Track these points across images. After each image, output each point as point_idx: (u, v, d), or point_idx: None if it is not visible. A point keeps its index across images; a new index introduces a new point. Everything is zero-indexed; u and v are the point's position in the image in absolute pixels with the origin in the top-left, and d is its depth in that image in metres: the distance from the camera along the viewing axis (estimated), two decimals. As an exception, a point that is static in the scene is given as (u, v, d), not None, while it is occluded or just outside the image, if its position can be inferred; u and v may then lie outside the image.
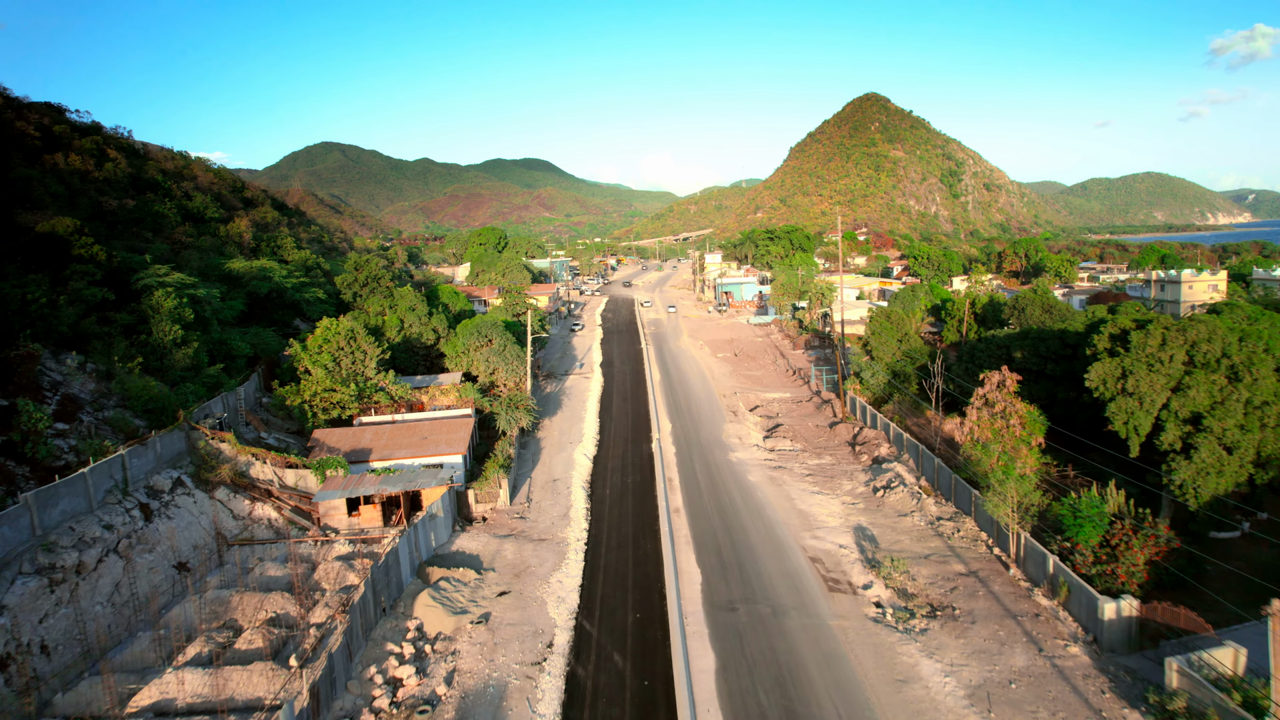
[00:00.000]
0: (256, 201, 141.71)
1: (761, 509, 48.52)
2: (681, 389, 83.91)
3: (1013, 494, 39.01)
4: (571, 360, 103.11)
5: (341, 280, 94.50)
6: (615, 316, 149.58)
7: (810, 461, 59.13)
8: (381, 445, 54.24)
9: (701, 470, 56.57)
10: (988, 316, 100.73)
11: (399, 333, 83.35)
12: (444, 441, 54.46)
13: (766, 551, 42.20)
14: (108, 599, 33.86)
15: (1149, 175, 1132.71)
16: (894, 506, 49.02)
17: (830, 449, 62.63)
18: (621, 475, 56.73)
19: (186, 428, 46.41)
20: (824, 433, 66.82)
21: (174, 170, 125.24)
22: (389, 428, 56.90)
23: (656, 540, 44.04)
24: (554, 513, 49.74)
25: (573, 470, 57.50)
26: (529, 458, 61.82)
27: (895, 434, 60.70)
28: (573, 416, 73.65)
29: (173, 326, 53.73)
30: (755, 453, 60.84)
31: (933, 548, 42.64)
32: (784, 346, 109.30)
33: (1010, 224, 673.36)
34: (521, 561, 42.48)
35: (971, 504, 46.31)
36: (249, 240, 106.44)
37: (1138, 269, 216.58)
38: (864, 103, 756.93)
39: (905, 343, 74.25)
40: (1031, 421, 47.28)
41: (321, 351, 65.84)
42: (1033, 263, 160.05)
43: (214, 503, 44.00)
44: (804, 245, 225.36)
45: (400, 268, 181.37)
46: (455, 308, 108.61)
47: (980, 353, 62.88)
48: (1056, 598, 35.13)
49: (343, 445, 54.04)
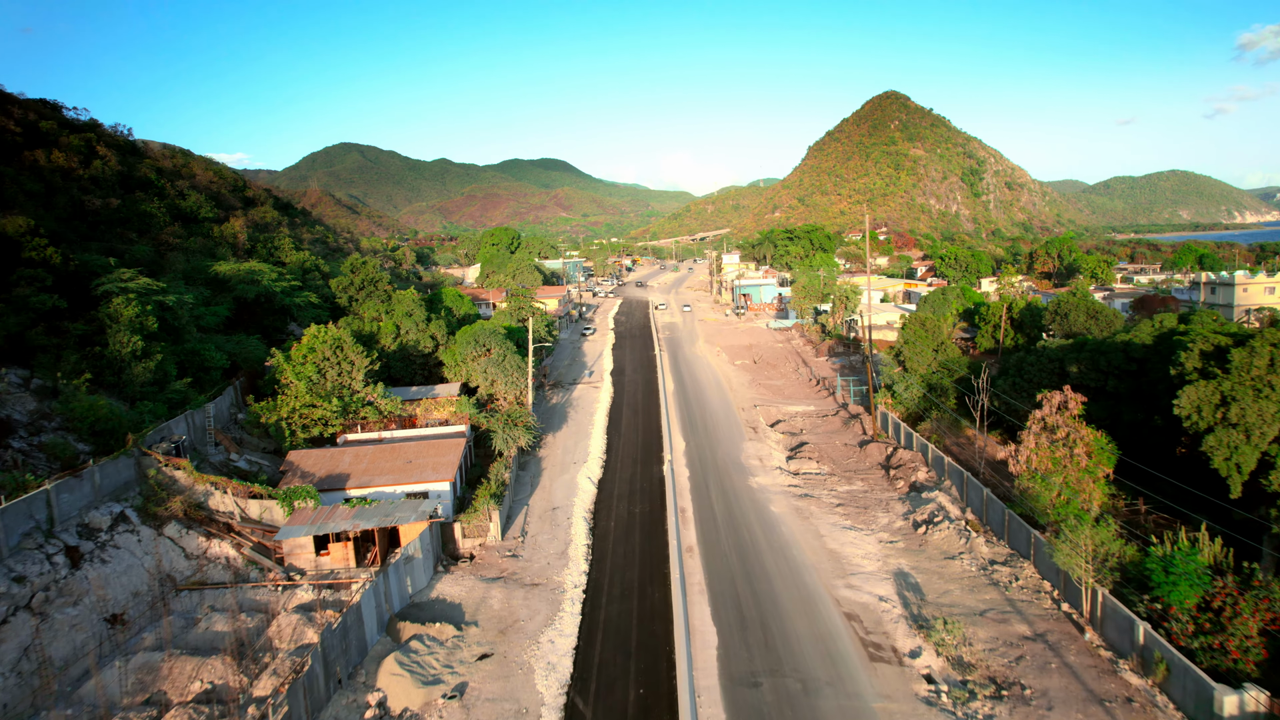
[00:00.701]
0: (258, 201, 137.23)
1: (787, 549, 42.45)
2: (697, 401, 77.94)
3: (1087, 542, 32.74)
4: (581, 368, 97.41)
5: (337, 284, 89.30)
6: (629, 320, 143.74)
7: (840, 488, 52.95)
8: (361, 470, 48.73)
9: (718, 499, 50.58)
10: (1025, 322, 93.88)
11: (395, 340, 78.05)
12: (430, 466, 48.85)
13: (794, 605, 36.16)
14: (12, 668, 28.48)
15: (1174, 173, 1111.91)
16: (939, 546, 42.79)
17: (861, 473, 56.41)
18: (629, 503, 50.86)
19: (137, 453, 41.12)
20: (853, 453, 60.59)
21: (171, 169, 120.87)
22: (371, 450, 51.39)
23: (666, 588, 38.13)
24: (551, 549, 43.97)
25: (575, 497, 51.72)
26: (528, 480, 56.14)
27: (934, 456, 54.44)
28: (578, 432, 67.92)
29: (132, 337, 48.50)
30: (778, 477, 54.74)
31: (988, 601, 36.40)
32: (806, 353, 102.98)
33: (1033, 223, 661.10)
34: (509, 613, 36.74)
35: (1030, 546, 40.02)
36: (244, 241, 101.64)
37: (1174, 269, 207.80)
38: (883, 101, 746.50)
39: (941, 352, 67.82)
40: (1099, 451, 41.02)
41: (306, 362, 60.65)
42: (1065, 264, 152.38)
43: (162, 540, 38.62)
44: (824, 245, 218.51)
45: (408, 269, 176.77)
46: (460, 311, 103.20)
47: (1029, 366, 56.38)
48: (1151, 677, 28.85)
49: (319, 469, 48.61)
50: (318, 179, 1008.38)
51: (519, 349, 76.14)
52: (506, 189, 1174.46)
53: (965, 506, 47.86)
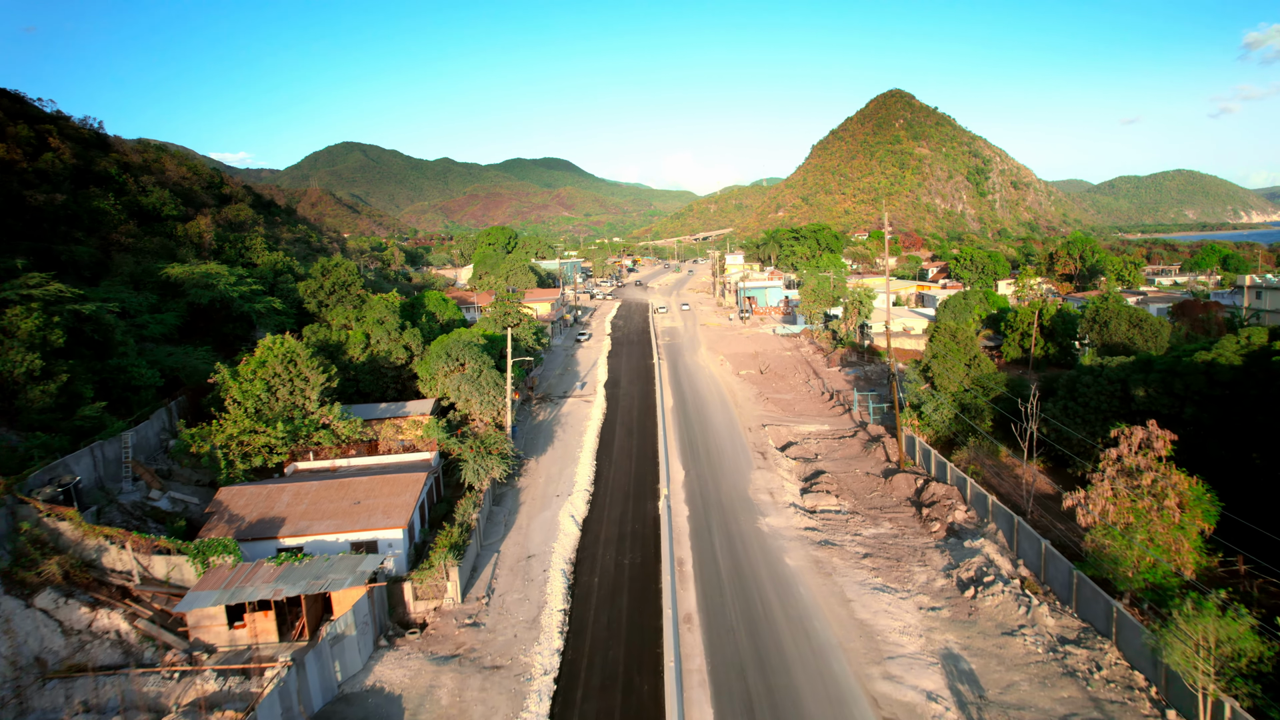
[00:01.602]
0: (235, 198, 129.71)
1: (807, 618, 34.73)
2: (698, 419, 70.21)
3: (1209, 636, 25.00)
4: (573, 378, 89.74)
5: (304, 288, 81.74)
6: (627, 324, 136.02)
7: (865, 531, 45.18)
8: (300, 513, 41.12)
9: (722, 546, 42.88)
10: (1057, 330, 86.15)
11: (364, 350, 70.43)
12: (382, 509, 41.22)
13: (820, 708, 28.44)
14: None
15: (1179, 173, 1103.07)
16: (992, 616, 35.03)
17: (889, 510, 48.66)
18: (617, 551, 43.17)
19: (11, 501, 33.54)
20: (877, 485, 52.84)
21: (140, 164, 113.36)
22: (316, 487, 43.71)
23: (658, 678, 30.41)
24: (520, 615, 36.31)
25: (554, 541, 44.04)
26: (502, 519, 48.49)
27: (974, 493, 46.69)
28: (564, 456, 60.29)
29: (28, 356, 40.92)
30: (792, 517, 46.98)
31: (1068, 701, 28.62)
32: (817, 363, 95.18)
33: (1039, 223, 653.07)
34: (460, 712, 29.06)
35: (1110, 620, 32.26)
36: (210, 241, 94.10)
37: (1195, 270, 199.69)
38: (888, 99, 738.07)
39: (975, 367, 60.01)
40: (1195, 503, 33.25)
41: (255, 379, 53.15)
42: (1088, 265, 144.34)
43: (31, 614, 31.01)
44: (831, 245, 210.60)
45: (397, 270, 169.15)
46: (444, 317, 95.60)
47: (1085, 388, 48.55)
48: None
49: (250, 511, 41.04)
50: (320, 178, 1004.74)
51: (501, 361, 68.52)
52: (509, 188, 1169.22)
53: (1017, 559, 40.11)
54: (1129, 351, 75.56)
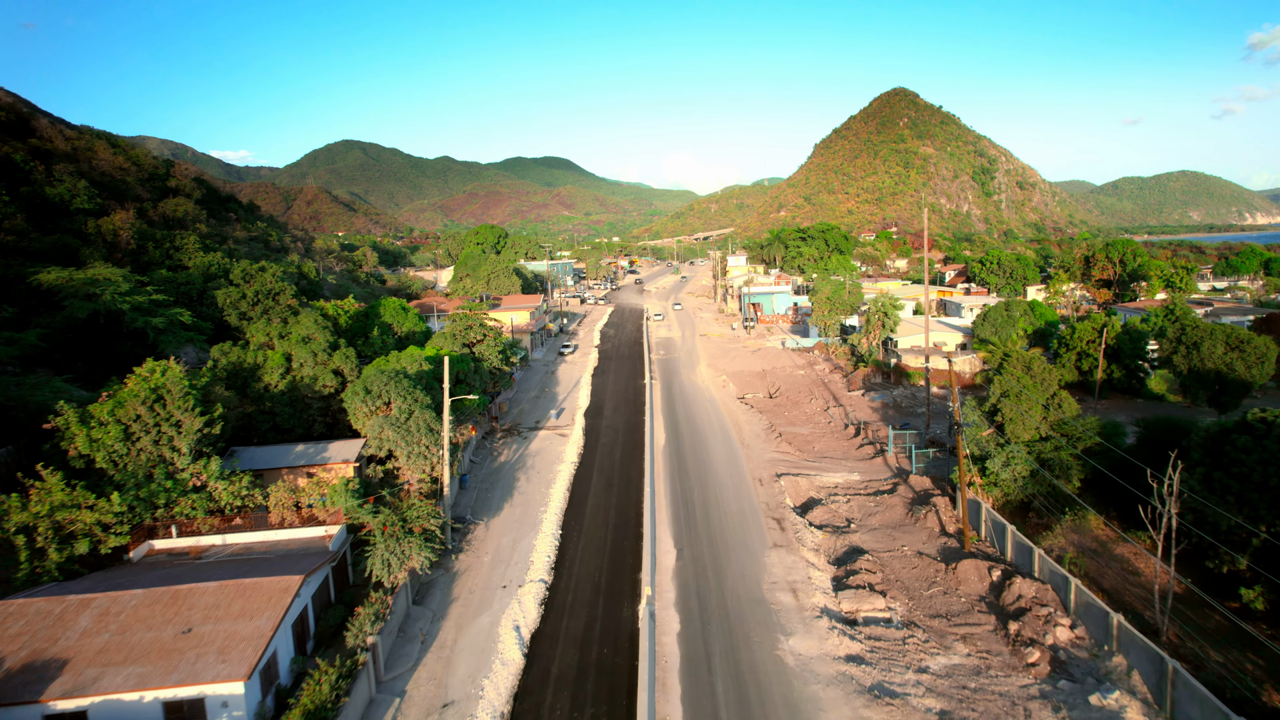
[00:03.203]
0: (181, 191, 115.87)
1: None
2: (695, 464, 56.53)
3: None
4: (548, 404, 76.06)
5: (223, 297, 67.99)
6: (618, 334, 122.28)
7: (933, 662, 31.40)
8: (94, 650, 27.38)
9: (729, 697, 29.10)
10: (1123, 350, 72.41)
11: (284, 376, 56.63)
12: (219, 644, 27.50)
13: None
14: None
15: (1183, 174, 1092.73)
16: None
17: (958, 619, 34.90)
18: (572, 698, 29.42)
19: None
20: (936, 574, 39.06)
21: (65, 151, 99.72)
22: (135, 599, 29.93)
23: None
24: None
25: (485, 677, 30.33)
26: (420, 628, 34.77)
27: (1081, 599, 33.00)
28: (523, 518, 46.69)
29: None
30: (826, 636, 33.17)
31: None
32: (835, 384, 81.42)
33: (1045, 224, 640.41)
34: None
35: None
36: (127, 240, 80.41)
37: (1235, 275, 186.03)
38: (892, 98, 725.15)
39: (1054, 408, 46.20)
40: None
41: (111, 422, 39.77)
42: (1129, 269, 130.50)
43: None
44: (841, 246, 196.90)
45: (369, 272, 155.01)
46: (402, 329, 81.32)
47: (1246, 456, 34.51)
48: None
49: (19, 645, 27.36)
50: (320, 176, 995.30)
51: (456, 390, 54.49)
52: (509, 187, 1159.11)
53: (1176, 728, 26.42)
54: (1224, 380, 61.91)
